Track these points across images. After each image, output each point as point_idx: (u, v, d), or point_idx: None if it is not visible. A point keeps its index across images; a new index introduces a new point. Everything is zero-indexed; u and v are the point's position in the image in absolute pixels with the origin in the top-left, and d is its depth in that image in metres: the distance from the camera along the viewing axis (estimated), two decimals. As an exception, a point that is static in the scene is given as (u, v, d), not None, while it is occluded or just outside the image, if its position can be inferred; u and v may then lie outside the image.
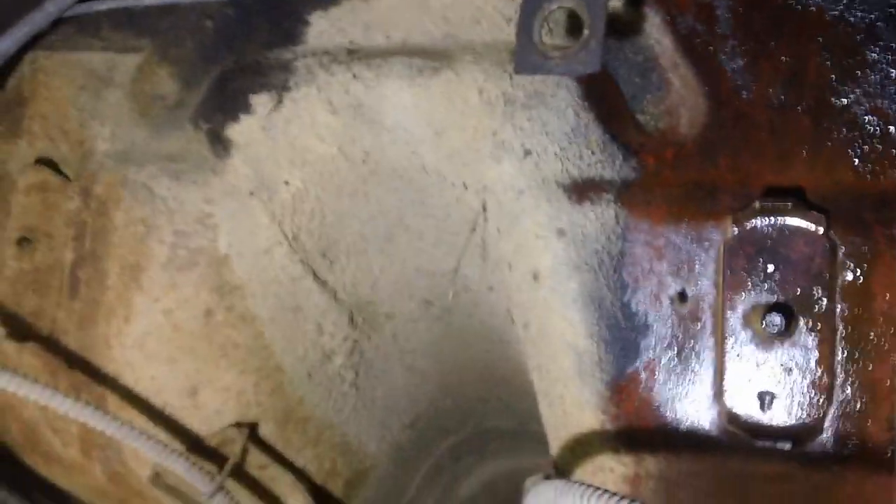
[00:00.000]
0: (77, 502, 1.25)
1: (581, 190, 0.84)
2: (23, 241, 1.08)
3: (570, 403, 0.88)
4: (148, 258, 1.02)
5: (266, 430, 1.14)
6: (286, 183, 1.02)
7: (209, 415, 1.08)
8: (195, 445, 1.09)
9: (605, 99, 0.86)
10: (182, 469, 1.01)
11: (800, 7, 0.79)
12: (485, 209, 0.94)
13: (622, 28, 0.85)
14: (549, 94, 0.87)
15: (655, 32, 0.85)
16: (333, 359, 1.18)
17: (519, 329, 0.96)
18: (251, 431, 1.11)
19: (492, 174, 0.90)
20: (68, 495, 1.35)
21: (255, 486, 1.15)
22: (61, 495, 1.34)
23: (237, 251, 1.03)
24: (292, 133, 1.00)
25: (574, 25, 0.76)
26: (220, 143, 1.02)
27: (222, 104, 1.03)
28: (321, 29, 1.02)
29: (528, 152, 0.87)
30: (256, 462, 1.14)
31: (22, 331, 1.07)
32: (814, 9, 0.78)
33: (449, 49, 0.94)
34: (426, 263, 1.12)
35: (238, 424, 1.10)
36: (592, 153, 0.85)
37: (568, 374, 0.86)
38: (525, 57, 0.68)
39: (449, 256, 1.08)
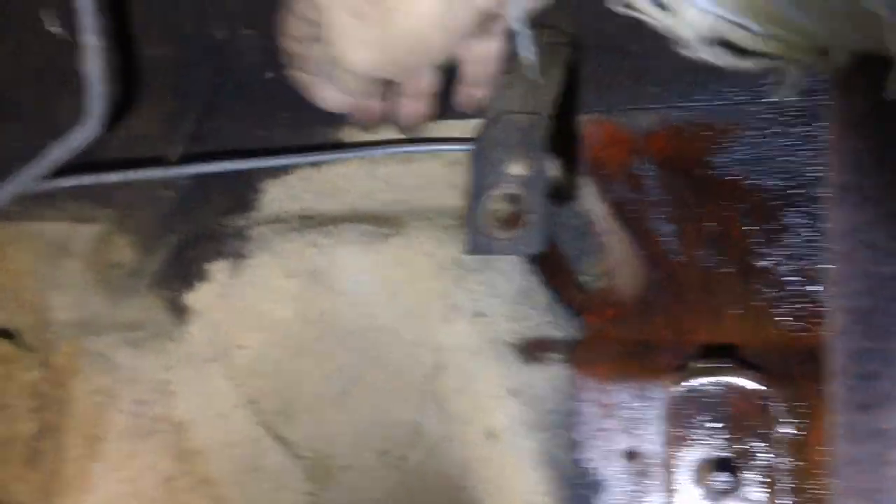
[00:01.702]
0: None
1: (531, 350, 0.88)
2: (-19, 414, 1.08)
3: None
4: (107, 428, 1.02)
5: None
6: (243, 347, 1.04)
7: (168, 583, 1.07)
8: None
9: (548, 262, 0.91)
10: None
11: (721, 176, 0.86)
12: (440, 367, 0.97)
13: (561, 195, 0.91)
14: (497, 259, 0.92)
15: (590, 199, 0.91)
16: (294, 515, 1.18)
17: (476, 483, 0.99)
18: None
19: (445, 334, 0.94)
20: None
21: None
22: None
23: (196, 417, 1.04)
24: (249, 298, 1.03)
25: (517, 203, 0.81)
26: (177, 311, 1.05)
27: (179, 272, 1.06)
28: (273, 196, 1.06)
29: (479, 314, 0.91)
30: None
31: (-22, 506, 1.05)
32: (733, 177, 0.85)
33: (398, 214, 0.99)
34: (382, 416, 1.14)
35: (199, 591, 1.09)
36: (539, 314, 0.89)
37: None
38: (475, 240, 0.72)
39: (404, 408, 1.11)
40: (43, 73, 1.11)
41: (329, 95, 0.83)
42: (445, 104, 0.88)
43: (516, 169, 0.73)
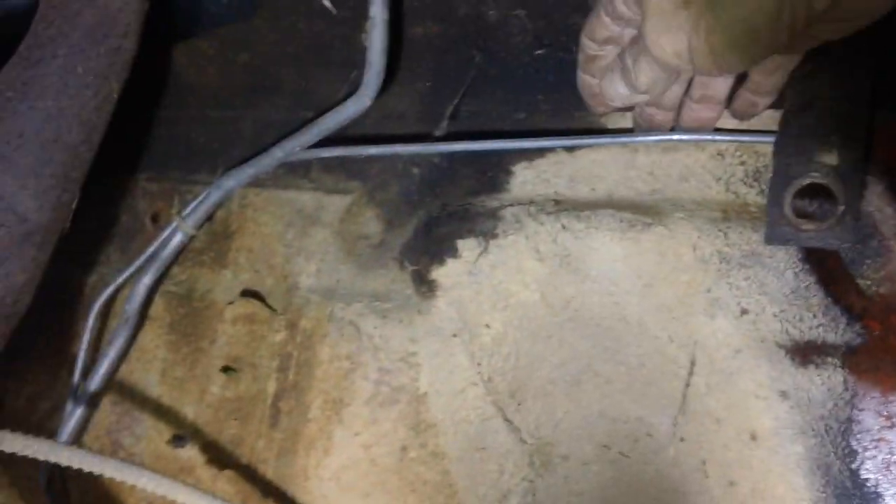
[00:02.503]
0: None
1: (804, 353, 0.84)
2: (227, 370, 1.13)
3: (785, 570, 0.85)
4: (351, 393, 1.05)
5: (444, 565, 1.14)
6: (487, 326, 1.05)
7: (394, 551, 1.09)
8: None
9: (824, 262, 0.86)
10: None
11: None
12: (692, 363, 0.94)
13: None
14: (767, 254, 0.88)
15: (877, 200, 0.86)
16: (509, 498, 1.18)
17: (717, 486, 0.95)
18: (432, 570, 1.11)
19: (704, 330, 0.91)
20: None
21: None
22: None
23: (435, 390, 1.06)
24: (497, 278, 1.03)
25: (819, 192, 0.77)
26: (425, 285, 1.06)
27: (429, 247, 1.07)
28: (525, 179, 1.06)
29: (744, 311, 0.88)
30: None
31: (221, 458, 1.10)
32: None
33: (658, 204, 0.97)
34: (610, 409, 1.12)
35: (420, 562, 1.10)
36: (814, 316, 0.85)
37: (785, 539, 0.84)
38: (776, 229, 0.69)
39: (636, 404, 1.08)
40: (307, 49, 1.15)
41: (619, 93, 0.80)
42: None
43: (828, 158, 0.70)
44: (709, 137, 0.91)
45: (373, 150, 1.08)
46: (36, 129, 0.88)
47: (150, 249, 1.14)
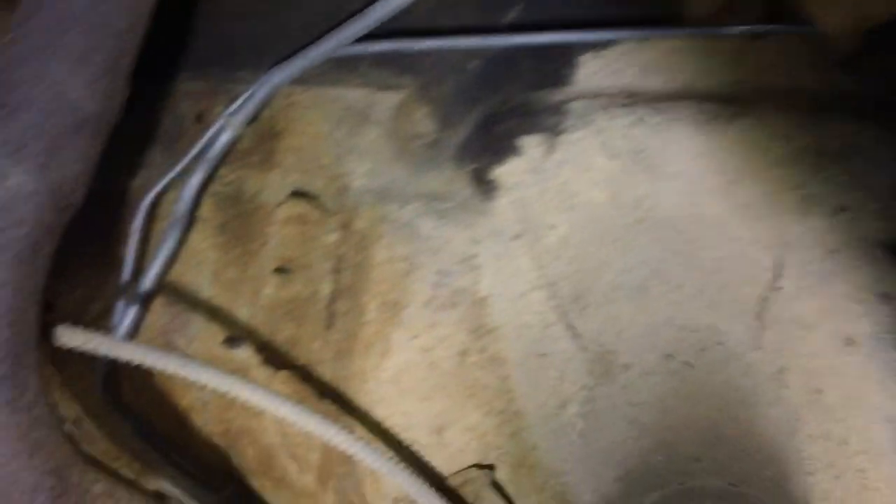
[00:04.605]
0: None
1: (910, 252, 0.74)
2: (280, 271, 1.05)
3: (876, 479, 0.77)
4: (409, 295, 0.97)
5: (501, 475, 1.07)
6: (552, 227, 0.96)
7: (452, 454, 1.02)
8: (434, 484, 1.03)
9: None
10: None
11: None
12: (779, 266, 0.84)
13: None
14: (867, 146, 0.77)
15: None
16: (568, 407, 1.11)
17: (799, 395, 0.87)
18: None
19: (794, 230, 0.81)
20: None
21: (480, 529, 1.08)
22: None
23: (497, 293, 0.97)
24: (563, 177, 0.94)
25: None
26: (484, 185, 0.97)
27: (488, 145, 0.98)
28: (592, 70, 0.96)
29: (842, 208, 0.78)
30: (488, 505, 1.07)
31: (276, 359, 1.04)
32: None
33: (745, 94, 0.86)
34: (678, 316, 1.03)
35: (478, 466, 1.04)
36: (920, 213, 0.75)
37: (878, 447, 0.76)
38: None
39: (708, 311, 0.99)
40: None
41: None
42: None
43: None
44: (795, 28, 0.80)
45: (427, 43, 0.97)
46: (82, 14, 0.78)
47: (198, 147, 1.05)
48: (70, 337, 0.80)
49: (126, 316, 1.05)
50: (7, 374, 0.69)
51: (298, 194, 1.09)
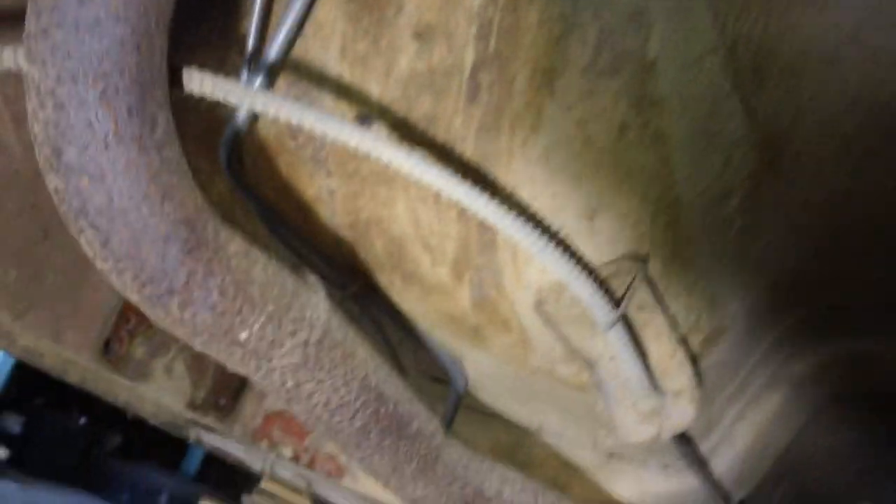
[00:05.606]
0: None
1: None
2: (417, 39, 0.93)
3: None
4: (565, 61, 0.84)
5: (653, 269, 0.97)
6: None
7: (603, 242, 0.92)
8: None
9: None
10: (586, 291, 0.86)
11: None
12: None
13: None
14: None
15: None
16: (730, 199, 0.98)
17: None
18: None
19: None
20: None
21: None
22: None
23: (667, 57, 0.84)
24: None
25: None
26: (659, -74, 0.81)
27: None
28: None
29: None
30: (637, 301, 0.97)
31: (412, 137, 0.94)
32: None
33: None
34: (875, 91, 0.88)
35: (630, 257, 0.94)
36: None
37: None
38: None
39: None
40: None
41: None
42: None
43: None
44: None
45: None
46: None
47: None
48: (199, 82, 0.72)
49: (249, 88, 0.96)
50: (135, 106, 0.61)
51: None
